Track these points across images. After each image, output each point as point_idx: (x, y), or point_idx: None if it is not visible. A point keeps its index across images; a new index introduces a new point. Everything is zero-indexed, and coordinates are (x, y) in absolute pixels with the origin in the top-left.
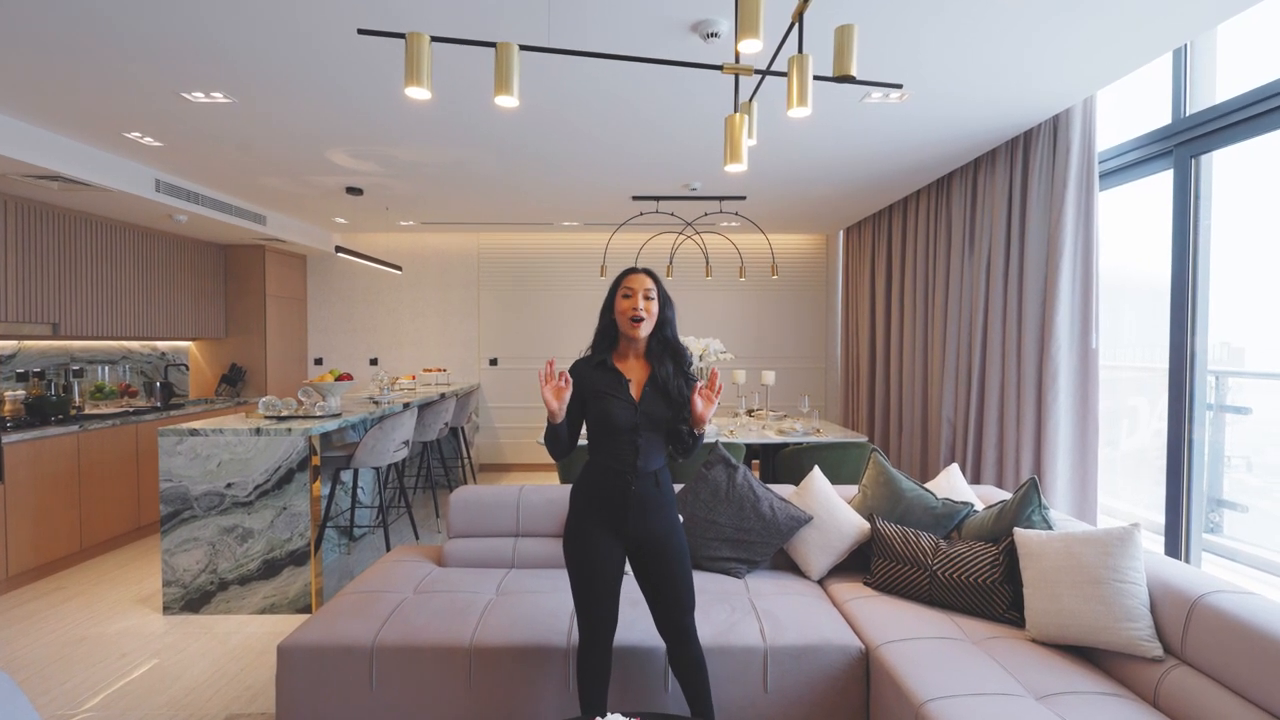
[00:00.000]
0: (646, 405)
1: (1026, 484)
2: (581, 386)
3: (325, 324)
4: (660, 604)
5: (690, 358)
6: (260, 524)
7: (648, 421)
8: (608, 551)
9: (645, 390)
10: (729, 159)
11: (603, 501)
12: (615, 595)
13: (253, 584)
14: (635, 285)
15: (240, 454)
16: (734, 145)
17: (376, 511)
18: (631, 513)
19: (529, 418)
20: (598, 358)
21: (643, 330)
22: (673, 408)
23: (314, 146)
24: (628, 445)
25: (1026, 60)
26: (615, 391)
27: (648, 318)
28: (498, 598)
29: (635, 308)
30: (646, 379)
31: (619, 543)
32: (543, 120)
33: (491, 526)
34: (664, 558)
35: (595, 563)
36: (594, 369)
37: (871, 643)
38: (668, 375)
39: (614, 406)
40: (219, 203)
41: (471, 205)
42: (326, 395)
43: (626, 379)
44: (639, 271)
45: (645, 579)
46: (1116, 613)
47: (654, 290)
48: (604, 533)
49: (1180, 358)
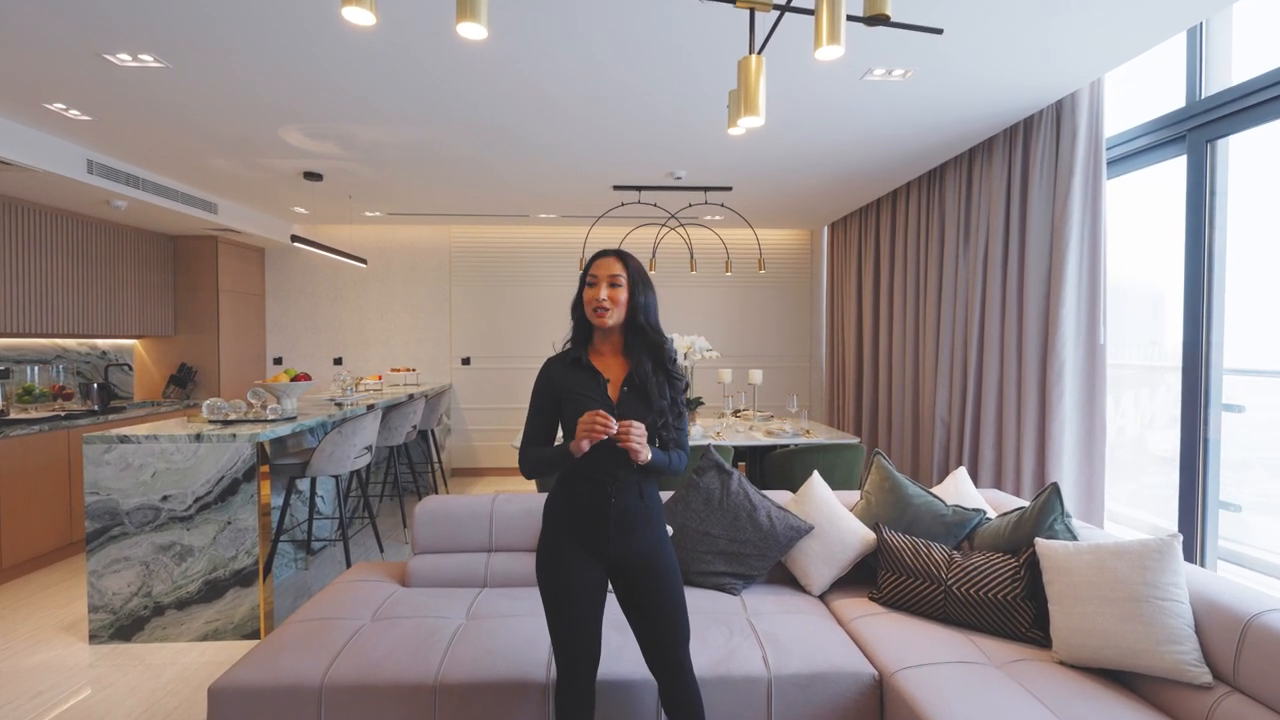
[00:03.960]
0: (625, 407)
1: (1048, 490)
2: (554, 387)
3: (285, 321)
4: (649, 636)
5: (674, 351)
6: (201, 541)
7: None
8: (586, 574)
9: (623, 390)
10: (743, 110)
11: (580, 517)
12: (597, 625)
13: (192, 608)
14: (599, 271)
15: (178, 463)
16: (749, 94)
17: (337, 523)
18: (613, 529)
19: (503, 419)
20: (572, 354)
21: (609, 320)
22: (654, 410)
23: (265, 123)
24: (607, 452)
25: (1035, 39)
26: (590, 392)
27: (614, 307)
28: (468, 623)
29: (598, 298)
30: (624, 377)
31: (599, 563)
32: (519, 92)
33: (462, 541)
34: (652, 581)
35: (572, 588)
36: (568, 367)
37: (885, 669)
38: (646, 374)
39: (590, 409)
40: (163, 188)
41: (442, 195)
42: (281, 397)
43: (604, 378)
44: (605, 255)
45: (631, 607)
46: (1158, 634)
47: (622, 276)
48: (582, 553)
49: (1194, 355)
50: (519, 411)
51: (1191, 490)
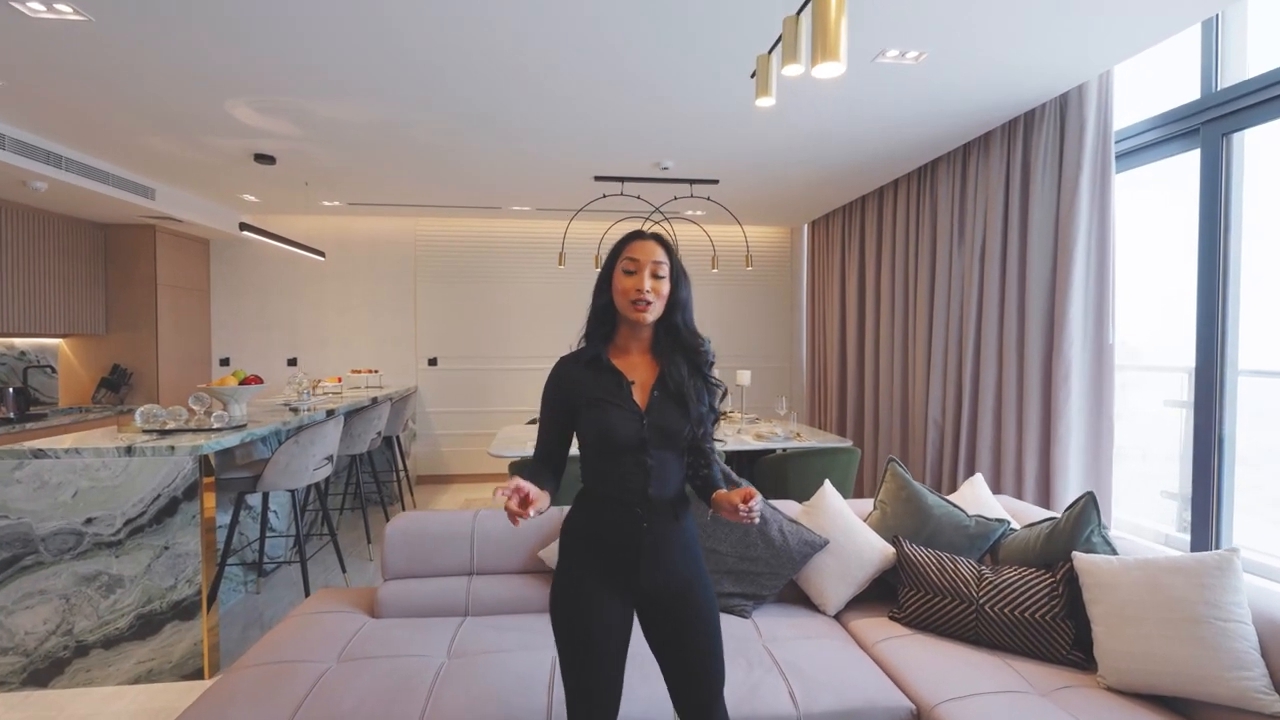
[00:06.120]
0: (656, 414)
1: (1083, 499)
2: (570, 392)
3: (233, 319)
4: (681, 679)
5: (711, 352)
6: (133, 569)
7: (659, 435)
8: (613, 615)
9: (653, 395)
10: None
11: (604, 546)
12: (619, 670)
13: (122, 646)
14: (641, 256)
15: (105, 480)
16: (828, 35)
17: (293, 541)
18: (644, 559)
19: (473, 423)
20: (590, 352)
21: (650, 315)
22: (691, 418)
23: (209, 94)
24: (634, 468)
25: (1051, 28)
26: (614, 397)
27: (656, 300)
28: (451, 662)
29: (640, 288)
30: (655, 380)
31: (627, 599)
32: (498, 68)
33: (439, 564)
34: (690, 615)
35: (594, 632)
36: (585, 368)
37: (924, 702)
38: (682, 378)
39: (614, 417)
40: (91, 168)
41: (408, 183)
42: (229, 402)
43: (629, 380)
44: (647, 238)
45: (661, 644)
46: (1222, 659)
47: (665, 265)
48: (607, 590)
49: (1209, 354)
50: (489, 414)
51: (1205, 494)
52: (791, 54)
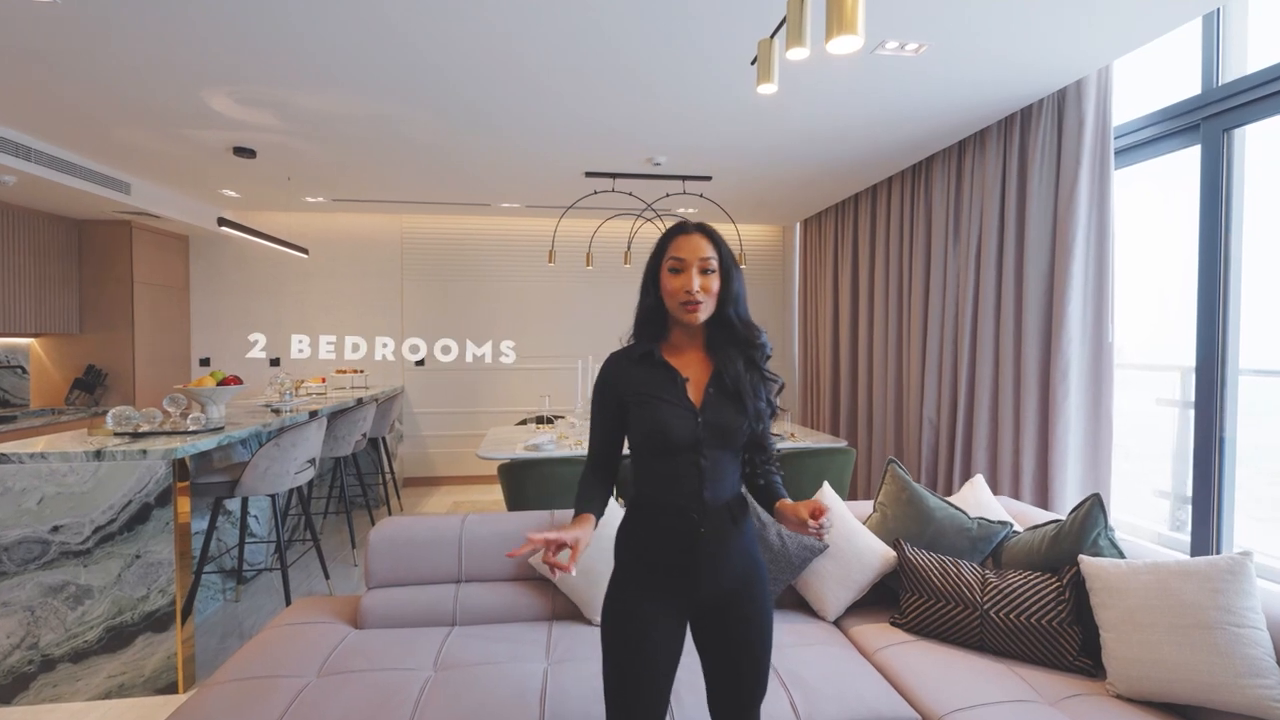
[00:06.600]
0: (711, 412)
1: (1089, 501)
2: (620, 388)
3: (213, 318)
4: (726, 683)
5: (768, 344)
6: (103, 579)
7: (714, 435)
8: (668, 635)
9: (708, 392)
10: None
11: (659, 556)
12: (668, 687)
13: (92, 660)
14: (687, 254)
15: (73, 486)
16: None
17: (274, 547)
18: (703, 569)
19: (461, 424)
20: (641, 349)
21: (702, 315)
22: (746, 414)
23: (186, 83)
24: (689, 469)
25: (1052, 21)
26: (664, 394)
27: (707, 298)
28: (438, 675)
29: (689, 288)
30: (709, 377)
31: (684, 614)
32: (493, 60)
33: (425, 571)
34: (741, 621)
35: (646, 651)
36: (636, 364)
37: (930, 712)
38: (738, 374)
39: (667, 415)
40: (63, 161)
41: (394, 178)
42: (206, 404)
43: (683, 377)
44: (691, 231)
45: (710, 646)
46: (1237, 666)
47: (714, 260)
48: (661, 604)
49: (1209, 353)
50: (478, 415)
51: (1206, 496)
52: (796, 36)
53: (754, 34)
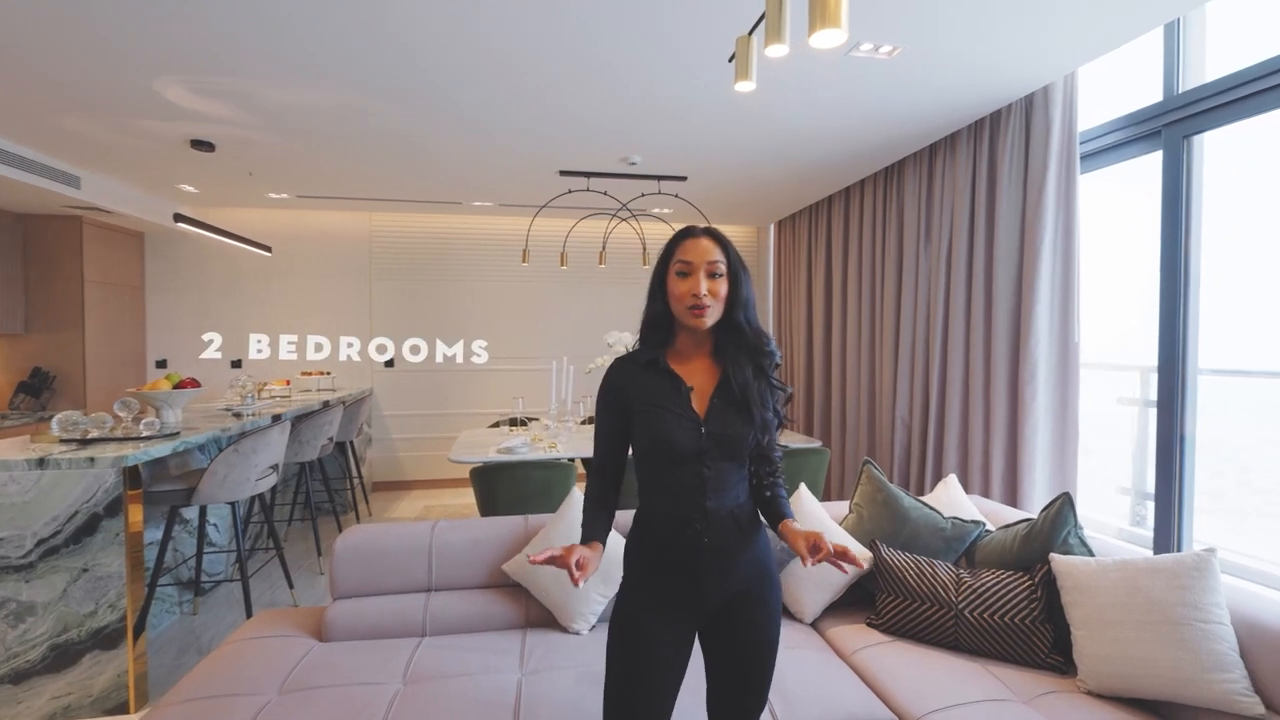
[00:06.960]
0: (716, 422)
1: (1059, 500)
2: (625, 395)
3: (170, 319)
4: (729, 690)
5: (777, 352)
6: (46, 594)
7: (718, 445)
8: (670, 643)
9: (713, 401)
10: (820, 23)
11: (665, 567)
12: (669, 707)
13: (34, 680)
14: (694, 257)
15: (12, 496)
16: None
17: (234, 556)
18: (709, 578)
19: (432, 426)
20: (647, 355)
21: (709, 320)
22: (753, 424)
23: (134, 70)
24: (693, 479)
25: (1015, 27)
26: (671, 403)
27: (715, 302)
28: (407, 688)
29: (696, 292)
30: (715, 386)
31: (692, 625)
32: (470, 51)
33: (394, 580)
34: (749, 626)
35: (654, 662)
36: (642, 370)
37: (907, 713)
38: (746, 381)
39: (671, 424)
40: (4, 153)
41: (362, 174)
42: (161, 408)
43: (687, 385)
44: (699, 235)
45: (716, 649)
46: (1204, 661)
47: (722, 263)
48: (668, 616)
49: (1170, 353)
50: (448, 417)
51: (1168, 494)
52: (775, 33)
53: (729, 31)
